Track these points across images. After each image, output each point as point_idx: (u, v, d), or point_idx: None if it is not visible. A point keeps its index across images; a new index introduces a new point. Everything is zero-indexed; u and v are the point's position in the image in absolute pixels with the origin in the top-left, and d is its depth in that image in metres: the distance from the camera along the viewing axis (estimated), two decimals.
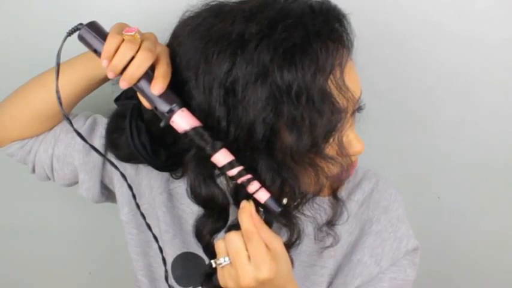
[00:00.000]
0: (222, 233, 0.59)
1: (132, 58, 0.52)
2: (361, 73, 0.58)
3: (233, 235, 0.53)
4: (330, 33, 0.51)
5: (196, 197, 0.57)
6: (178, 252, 0.70)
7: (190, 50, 0.53)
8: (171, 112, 0.53)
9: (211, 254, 0.58)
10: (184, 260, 0.70)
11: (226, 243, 0.53)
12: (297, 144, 0.50)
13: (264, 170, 0.53)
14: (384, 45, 0.84)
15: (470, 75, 0.84)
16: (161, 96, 0.53)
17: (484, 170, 0.90)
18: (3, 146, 0.71)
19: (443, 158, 0.91)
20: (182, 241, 0.70)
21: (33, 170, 0.72)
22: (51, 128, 0.70)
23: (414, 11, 0.81)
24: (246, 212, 0.53)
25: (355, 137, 0.57)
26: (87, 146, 0.65)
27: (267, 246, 0.52)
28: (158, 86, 0.52)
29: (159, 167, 0.64)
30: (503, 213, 0.93)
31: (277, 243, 0.53)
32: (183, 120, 0.53)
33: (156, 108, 0.54)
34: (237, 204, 0.56)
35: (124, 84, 0.52)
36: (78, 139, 0.63)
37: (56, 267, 1.07)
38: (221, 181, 0.58)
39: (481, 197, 0.92)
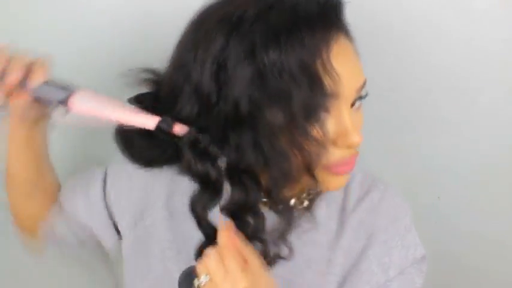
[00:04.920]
0: (216, 210, 0.59)
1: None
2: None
3: (211, 252, 0.54)
4: (321, 17, 0.53)
5: (194, 173, 0.58)
6: (184, 268, 0.69)
7: (194, 31, 0.56)
8: (68, 97, 0.57)
9: (205, 229, 0.59)
10: (190, 275, 0.70)
11: (205, 260, 0.54)
12: (275, 117, 0.51)
13: (248, 148, 0.53)
14: (383, 45, 0.84)
15: (470, 75, 0.84)
16: (50, 86, 0.57)
17: (484, 170, 0.90)
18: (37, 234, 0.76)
19: (443, 158, 0.91)
20: (188, 257, 0.69)
21: (67, 245, 0.77)
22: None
23: (414, 11, 0.81)
24: (225, 231, 0.55)
25: (352, 126, 0.56)
26: (88, 203, 0.73)
27: (245, 262, 0.53)
28: (37, 74, 0.57)
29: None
30: (503, 213, 0.93)
31: (255, 260, 0.54)
32: (81, 101, 0.57)
33: (55, 102, 0.58)
34: (230, 182, 0.57)
35: (16, 95, 0.57)
36: (79, 201, 0.73)
37: (56, 267, 1.07)
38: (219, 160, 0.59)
39: (481, 197, 0.92)
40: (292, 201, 0.66)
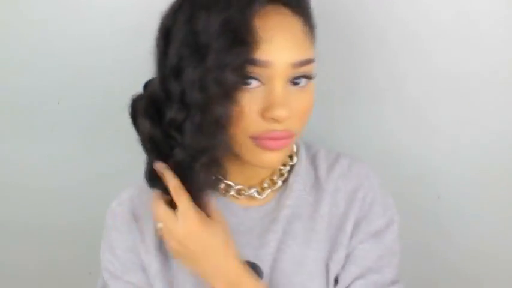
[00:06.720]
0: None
1: None
2: (362, 73, 0.58)
3: (158, 201, 0.60)
4: None
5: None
6: None
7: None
8: None
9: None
10: None
11: (155, 210, 0.60)
12: (195, 70, 0.53)
13: (175, 100, 0.55)
14: (383, 45, 0.84)
15: (470, 75, 0.84)
16: None
17: (484, 170, 0.90)
18: None
19: (443, 158, 0.91)
20: None
21: None
22: None
23: (414, 11, 0.81)
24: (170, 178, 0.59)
25: (280, 99, 0.56)
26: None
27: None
28: None
29: None
30: (503, 213, 0.93)
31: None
32: None
33: None
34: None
35: None
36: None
37: (56, 267, 1.08)
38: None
39: (481, 197, 0.92)
40: (266, 184, 0.67)
